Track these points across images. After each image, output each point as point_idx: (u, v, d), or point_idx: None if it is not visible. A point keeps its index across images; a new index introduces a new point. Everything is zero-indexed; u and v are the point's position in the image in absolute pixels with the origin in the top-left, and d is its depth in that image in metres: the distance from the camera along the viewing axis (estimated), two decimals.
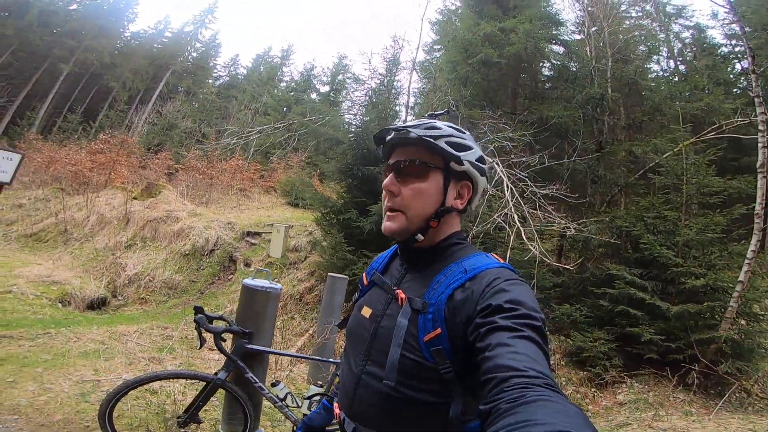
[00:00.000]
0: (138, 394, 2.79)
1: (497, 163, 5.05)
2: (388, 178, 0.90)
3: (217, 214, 9.68)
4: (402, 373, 0.78)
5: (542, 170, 6.02)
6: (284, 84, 31.70)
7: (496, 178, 4.98)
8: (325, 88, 24.82)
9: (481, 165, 0.94)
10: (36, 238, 8.25)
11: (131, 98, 31.39)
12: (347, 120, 7.30)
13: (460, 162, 0.90)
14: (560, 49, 8.63)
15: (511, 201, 4.37)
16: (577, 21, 10.34)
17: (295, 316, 5.11)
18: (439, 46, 14.54)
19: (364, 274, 1.07)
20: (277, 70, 35.39)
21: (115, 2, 31.79)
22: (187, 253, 7.22)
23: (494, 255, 0.90)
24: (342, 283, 3.36)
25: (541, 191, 4.96)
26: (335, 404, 0.97)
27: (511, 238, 4.26)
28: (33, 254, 7.51)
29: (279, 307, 5.17)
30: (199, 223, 8.04)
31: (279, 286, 2.29)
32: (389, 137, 0.93)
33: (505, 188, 4.55)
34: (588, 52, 8.26)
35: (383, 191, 0.92)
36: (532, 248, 4.02)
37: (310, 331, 3.77)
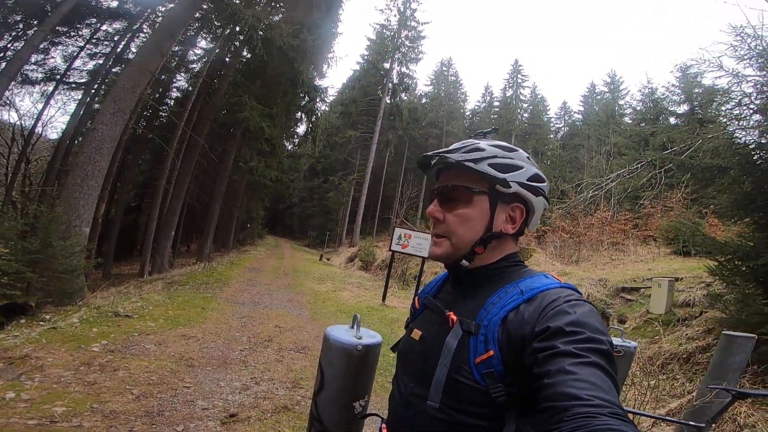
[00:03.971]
0: None
1: None
2: (433, 204, 0.88)
3: (587, 272, 9.46)
4: (449, 395, 0.76)
5: None
6: (628, 118, 28.08)
7: None
8: (683, 108, 19.76)
9: (535, 184, 0.87)
10: None
11: None
12: (734, 136, 5.61)
13: (506, 184, 0.84)
14: None
15: None
16: None
17: (678, 376, 4.17)
18: None
19: (416, 298, 1.05)
20: (612, 106, 32.11)
21: (447, 88, 39.37)
22: None
23: (554, 275, 0.83)
24: (744, 342, 2.53)
25: None
26: (383, 426, 0.95)
27: None
28: None
29: (657, 366, 4.38)
30: (569, 281, 8.15)
31: (633, 344, 2.12)
32: (434, 162, 0.90)
33: None
34: None
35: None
36: None
37: (693, 394, 3.00)
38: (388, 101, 31.40)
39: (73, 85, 17.39)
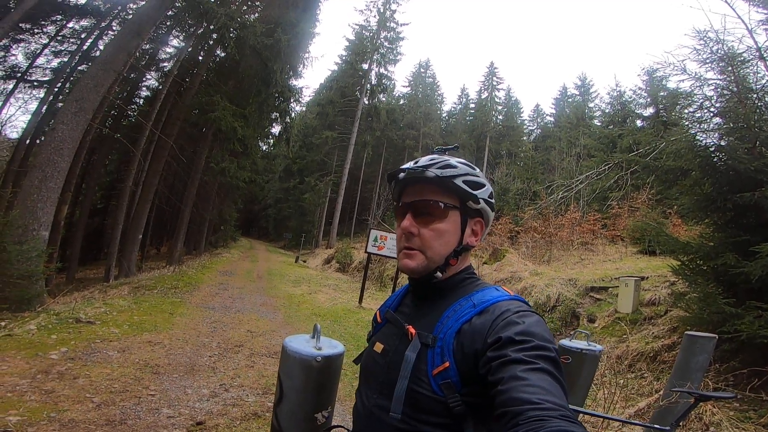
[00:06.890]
0: None
1: None
2: (407, 219, 0.89)
3: (558, 272, 9.67)
4: (410, 406, 0.79)
5: None
6: (597, 120, 28.96)
7: None
8: (649, 110, 20.20)
9: (491, 201, 0.94)
10: None
11: None
12: (696, 139, 5.79)
13: (476, 201, 0.91)
14: None
15: None
16: None
17: (646, 375, 4.29)
18: None
19: (377, 312, 1.09)
20: (583, 108, 33.08)
21: (425, 89, 39.70)
22: None
23: (504, 288, 0.88)
24: (706, 342, 2.60)
25: None
26: None
27: None
28: None
29: (626, 365, 4.49)
30: (540, 281, 8.30)
31: (599, 347, 2.14)
32: (401, 176, 0.92)
33: None
34: None
35: (399, 231, 0.92)
36: None
37: (661, 392, 3.09)
38: (366, 102, 31.33)
39: (36, 84, 16.62)
